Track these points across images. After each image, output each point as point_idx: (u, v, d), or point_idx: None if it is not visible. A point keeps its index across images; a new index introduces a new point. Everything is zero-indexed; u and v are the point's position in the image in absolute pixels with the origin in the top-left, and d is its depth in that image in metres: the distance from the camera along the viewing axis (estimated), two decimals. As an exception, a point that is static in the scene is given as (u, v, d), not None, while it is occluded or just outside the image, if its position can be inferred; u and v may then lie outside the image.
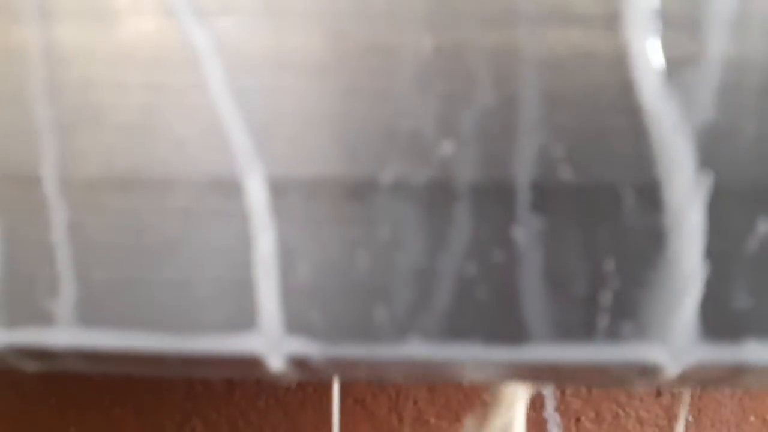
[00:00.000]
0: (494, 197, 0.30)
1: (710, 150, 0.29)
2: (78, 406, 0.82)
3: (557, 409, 0.77)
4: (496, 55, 0.30)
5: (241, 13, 0.30)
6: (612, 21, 0.29)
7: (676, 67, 0.29)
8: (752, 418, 0.81)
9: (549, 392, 0.78)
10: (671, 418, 0.81)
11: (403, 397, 0.79)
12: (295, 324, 0.31)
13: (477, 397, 0.78)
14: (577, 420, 0.81)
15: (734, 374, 0.33)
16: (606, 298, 0.31)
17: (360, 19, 0.30)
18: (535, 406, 0.79)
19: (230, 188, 0.31)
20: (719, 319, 0.31)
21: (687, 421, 0.82)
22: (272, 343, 0.31)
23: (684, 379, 0.33)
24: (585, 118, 0.30)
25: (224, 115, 0.30)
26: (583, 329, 0.31)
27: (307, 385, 0.79)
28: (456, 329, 0.31)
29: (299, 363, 0.32)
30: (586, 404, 0.82)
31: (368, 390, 0.79)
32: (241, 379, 0.77)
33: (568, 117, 0.30)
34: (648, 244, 0.31)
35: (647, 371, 0.32)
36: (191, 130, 0.31)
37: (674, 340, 0.31)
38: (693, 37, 0.29)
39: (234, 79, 0.30)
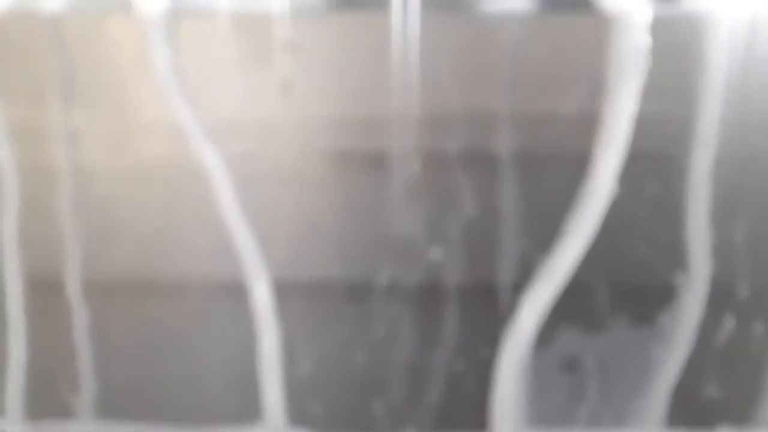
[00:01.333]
0: (480, 298, 0.33)
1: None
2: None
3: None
4: (476, 163, 0.33)
5: (248, 134, 0.33)
6: (593, 123, 0.32)
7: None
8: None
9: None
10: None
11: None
12: (297, 416, 0.34)
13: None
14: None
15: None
16: (588, 388, 0.33)
17: (355, 136, 0.33)
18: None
19: (238, 292, 0.34)
20: (690, 408, 0.34)
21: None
22: (277, 435, 0.34)
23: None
24: (563, 222, 0.33)
25: (233, 226, 0.33)
26: (567, 418, 0.34)
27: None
28: (448, 421, 0.34)
29: (302, 452, 0.34)
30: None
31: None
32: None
33: (547, 223, 0.33)
34: (623, 338, 0.33)
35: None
36: (203, 240, 0.34)
37: (649, 426, 0.33)
38: (669, 146, 0.32)
39: (241, 193, 0.33)
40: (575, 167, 0.32)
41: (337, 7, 0.31)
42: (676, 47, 0.31)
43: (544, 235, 0.33)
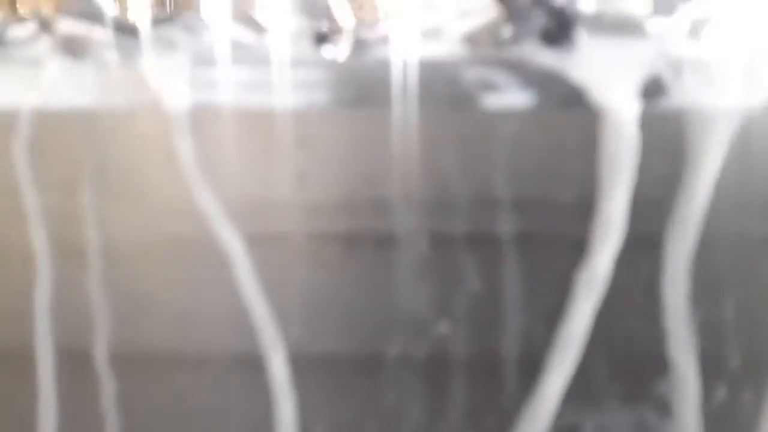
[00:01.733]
0: (486, 370, 0.35)
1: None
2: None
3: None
4: (479, 243, 0.35)
5: (264, 217, 0.35)
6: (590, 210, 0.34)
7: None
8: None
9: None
10: None
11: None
12: (313, 483, 0.36)
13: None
14: None
15: None
16: (587, 457, 0.35)
17: (364, 219, 0.35)
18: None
19: (255, 364, 0.36)
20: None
21: None
22: (293, 501, 0.36)
23: None
24: (563, 298, 0.35)
25: (251, 303, 0.35)
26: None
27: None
28: (455, 488, 0.35)
29: None
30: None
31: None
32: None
33: (548, 299, 0.35)
34: (622, 412, 0.35)
35: None
36: (223, 315, 0.36)
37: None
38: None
39: (259, 272, 0.35)
40: (573, 248, 0.34)
41: (344, 104, 0.34)
42: (665, 139, 0.33)
43: (545, 310, 0.35)
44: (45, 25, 0.41)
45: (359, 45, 0.38)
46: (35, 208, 0.36)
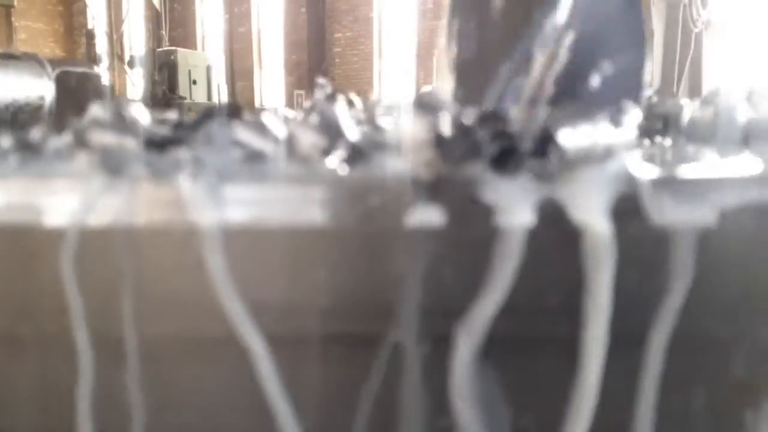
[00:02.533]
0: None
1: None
2: None
3: None
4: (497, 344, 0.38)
5: (291, 312, 0.39)
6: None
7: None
8: None
9: None
10: None
11: None
12: None
13: None
14: None
15: None
16: None
17: (374, 320, 0.39)
18: None
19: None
20: None
21: None
22: None
23: None
24: (555, 399, 0.39)
25: (272, 397, 0.39)
26: None
27: None
28: None
29: None
30: None
31: None
32: None
33: (539, 400, 0.39)
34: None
35: None
36: (246, 408, 0.40)
37: None
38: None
39: (282, 373, 0.39)
40: (563, 350, 0.38)
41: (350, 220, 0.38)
42: (638, 252, 0.37)
43: (538, 409, 0.39)
44: (80, 139, 0.46)
45: (361, 155, 0.42)
46: (79, 311, 0.40)
